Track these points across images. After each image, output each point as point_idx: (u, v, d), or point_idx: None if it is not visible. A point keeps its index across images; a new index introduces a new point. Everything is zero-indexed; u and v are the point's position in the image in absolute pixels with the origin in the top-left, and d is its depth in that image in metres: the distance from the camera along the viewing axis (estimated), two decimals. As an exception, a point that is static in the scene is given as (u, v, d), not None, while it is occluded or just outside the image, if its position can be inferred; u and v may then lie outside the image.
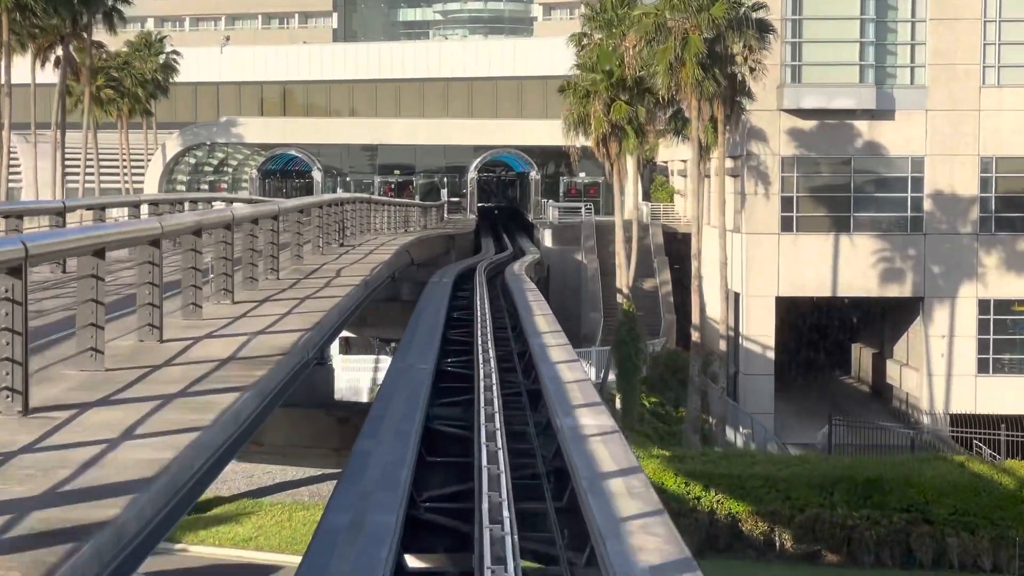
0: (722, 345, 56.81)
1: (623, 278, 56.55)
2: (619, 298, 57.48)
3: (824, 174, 61.43)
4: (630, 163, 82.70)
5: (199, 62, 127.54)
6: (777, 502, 40.22)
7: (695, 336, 51.84)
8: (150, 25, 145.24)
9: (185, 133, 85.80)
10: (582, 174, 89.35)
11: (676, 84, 46.75)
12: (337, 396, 47.70)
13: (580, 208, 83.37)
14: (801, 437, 61.04)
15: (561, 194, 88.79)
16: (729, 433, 58.29)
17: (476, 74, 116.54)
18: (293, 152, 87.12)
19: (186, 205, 33.66)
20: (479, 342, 20.92)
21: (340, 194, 30.55)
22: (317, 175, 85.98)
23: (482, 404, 15.39)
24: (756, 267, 59.95)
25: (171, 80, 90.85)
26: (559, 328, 23.26)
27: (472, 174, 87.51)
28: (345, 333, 58.81)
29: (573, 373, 18.09)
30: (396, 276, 36.40)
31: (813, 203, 61.08)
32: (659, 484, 39.62)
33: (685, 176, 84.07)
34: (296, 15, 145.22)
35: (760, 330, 59.98)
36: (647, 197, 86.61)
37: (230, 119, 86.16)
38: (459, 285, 40.59)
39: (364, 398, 55.14)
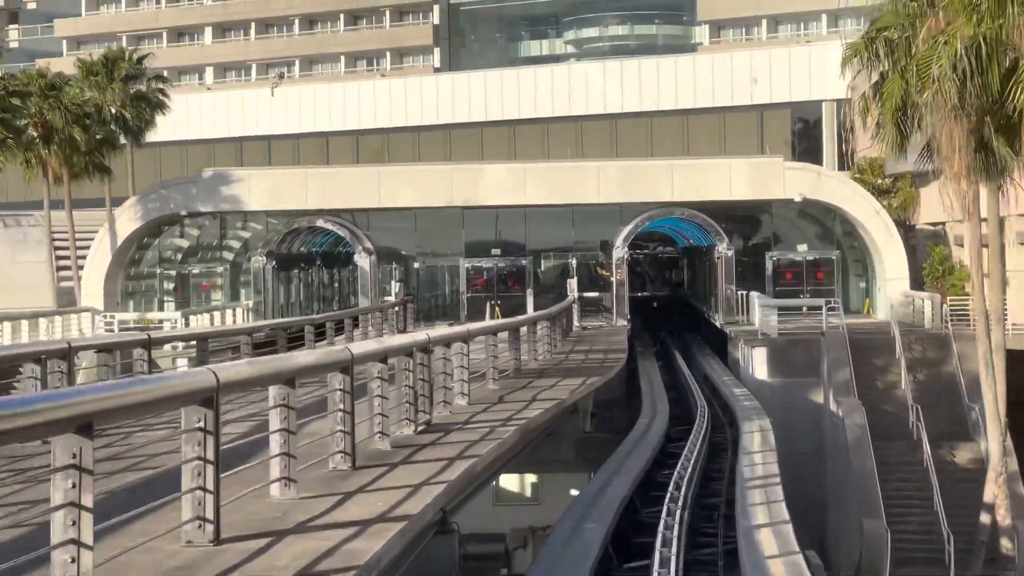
0: None
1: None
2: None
3: None
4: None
5: (244, 109, 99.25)
6: None
7: None
8: (208, 77, 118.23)
9: (147, 199, 55.34)
10: (802, 246, 56.89)
11: None
12: None
13: (805, 305, 51.43)
14: None
15: (768, 279, 56.37)
16: None
17: (622, 108, 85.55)
18: (327, 224, 56.08)
19: None
20: None
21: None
22: (363, 260, 54.87)
23: None
24: None
25: (150, 120, 60.86)
26: None
27: (620, 251, 55.51)
28: None
29: None
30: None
31: None
32: None
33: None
34: (388, 53, 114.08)
35: None
36: (917, 283, 53.90)
37: (219, 173, 55.78)
38: None
39: None
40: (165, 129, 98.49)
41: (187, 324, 47.27)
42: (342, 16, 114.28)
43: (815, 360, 45.32)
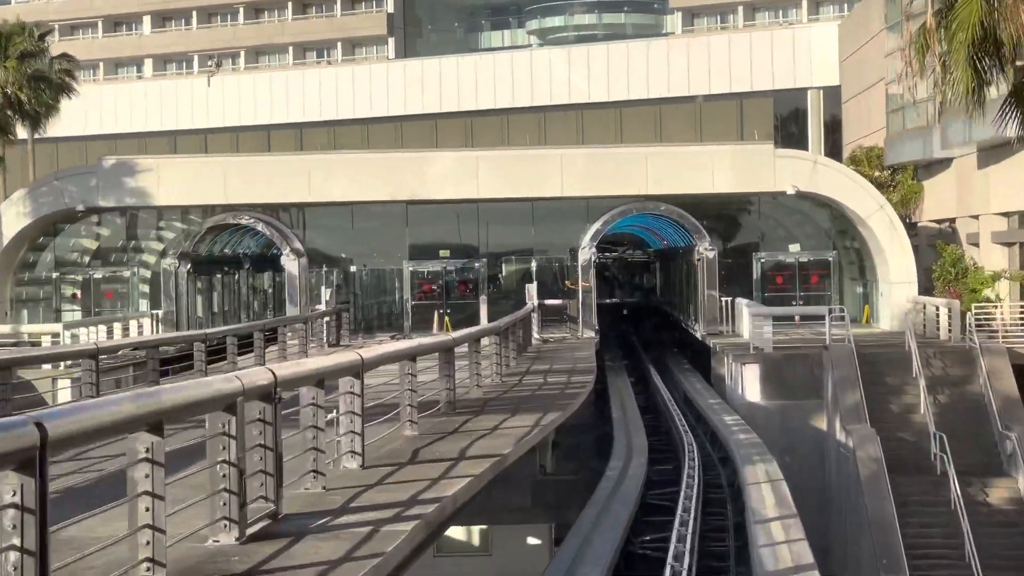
0: None
1: None
2: None
3: None
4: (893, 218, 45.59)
5: (178, 101, 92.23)
6: None
7: None
8: (148, 69, 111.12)
9: (37, 192, 48.21)
10: (793, 246, 50.38)
11: None
12: None
13: (805, 314, 45.27)
14: None
15: (755, 284, 49.90)
16: None
17: (589, 97, 78.95)
18: (248, 221, 49.23)
19: None
20: None
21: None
22: (292, 263, 47.98)
23: None
24: None
25: (52, 105, 53.81)
26: None
27: (587, 252, 48.88)
28: None
29: None
30: None
31: None
32: None
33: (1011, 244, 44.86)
34: (339, 43, 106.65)
35: None
36: (926, 288, 47.53)
37: (123, 162, 48.72)
38: None
39: None
40: (92, 122, 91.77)
41: (75, 338, 40.33)
42: (290, 4, 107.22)
43: (817, 379, 38.70)
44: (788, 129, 75.27)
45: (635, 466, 26.17)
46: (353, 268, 51.77)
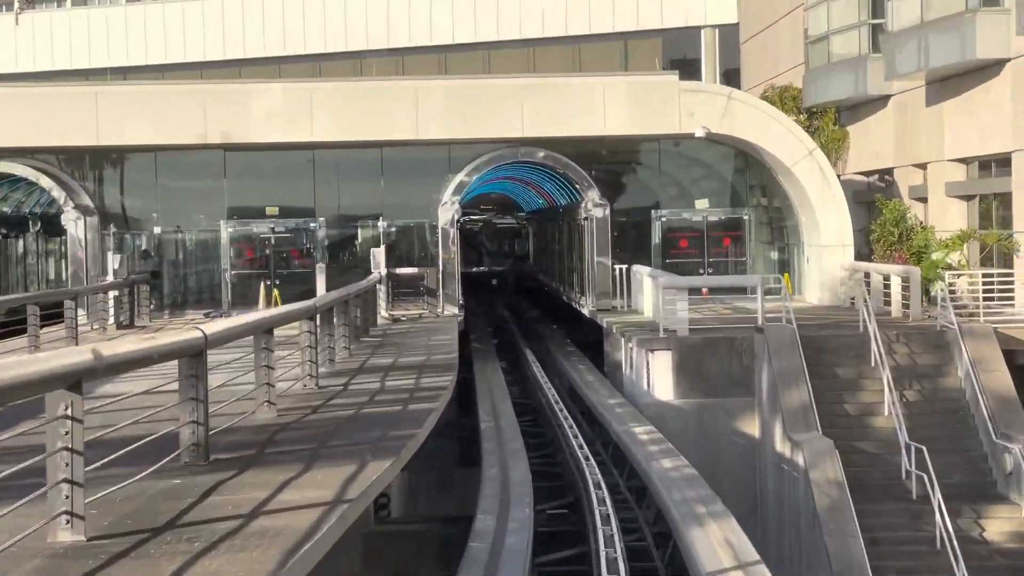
0: None
1: None
2: None
3: None
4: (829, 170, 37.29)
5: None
6: None
7: None
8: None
9: None
10: (701, 202, 41.82)
11: None
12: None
13: (710, 284, 36.87)
14: None
15: (655, 248, 41.32)
16: None
17: (453, 39, 69.82)
18: (20, 168, 39.36)
19: None
20: None
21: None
22: (77, 224, 38.23)
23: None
24: None
25: None
26: None
27: (451, 209, 39.76)
28: None
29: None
30: None
31: None
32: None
33: (968, 198, 36.53)
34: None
35: None
36: (864, 252, 39.27)
37: None
38: None
39: None
40: None
41: None
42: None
43: (747, 370, 30.02)
44: (679, 72, 66.62)
45: (515, 525, 17.06)
46: (158, 230, 41.76)
